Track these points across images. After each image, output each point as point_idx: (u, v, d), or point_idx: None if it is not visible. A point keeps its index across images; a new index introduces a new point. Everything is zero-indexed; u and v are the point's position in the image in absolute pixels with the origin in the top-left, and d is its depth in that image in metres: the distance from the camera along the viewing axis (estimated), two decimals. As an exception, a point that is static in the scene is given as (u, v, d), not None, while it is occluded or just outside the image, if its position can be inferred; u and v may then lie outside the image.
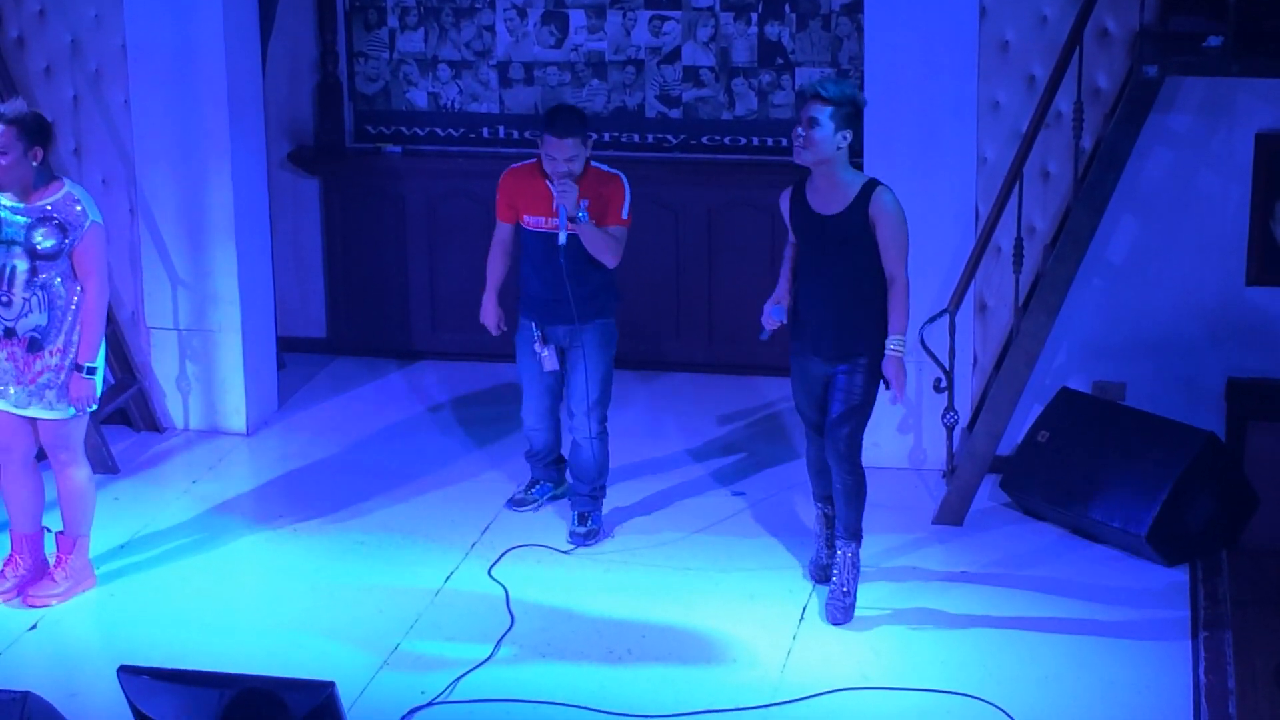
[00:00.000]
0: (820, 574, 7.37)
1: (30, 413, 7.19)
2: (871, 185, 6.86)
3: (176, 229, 8.85)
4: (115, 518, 8.04)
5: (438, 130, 9.89)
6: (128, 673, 5.31)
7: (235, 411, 9.00)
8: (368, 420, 9.18)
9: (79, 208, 7.10)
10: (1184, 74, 7.64)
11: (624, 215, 7.61)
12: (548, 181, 7.56)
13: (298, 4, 9.70)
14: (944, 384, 8.05)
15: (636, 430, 8.47)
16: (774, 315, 7.02)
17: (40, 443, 7.31)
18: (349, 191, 9.93)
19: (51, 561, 7.43)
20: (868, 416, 7.11)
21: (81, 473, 7.33)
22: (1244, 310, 8.10)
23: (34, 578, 7.39)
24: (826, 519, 7.35)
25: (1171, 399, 8.14)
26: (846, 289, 6.89)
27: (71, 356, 7.12)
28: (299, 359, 9.83)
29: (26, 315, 7.09)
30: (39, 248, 7.05)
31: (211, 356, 8.96)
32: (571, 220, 7.50)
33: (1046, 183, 8.17)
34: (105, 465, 8.51)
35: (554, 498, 8.16)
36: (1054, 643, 6.97)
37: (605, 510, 7.98)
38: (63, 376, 7.14)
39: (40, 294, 7.09)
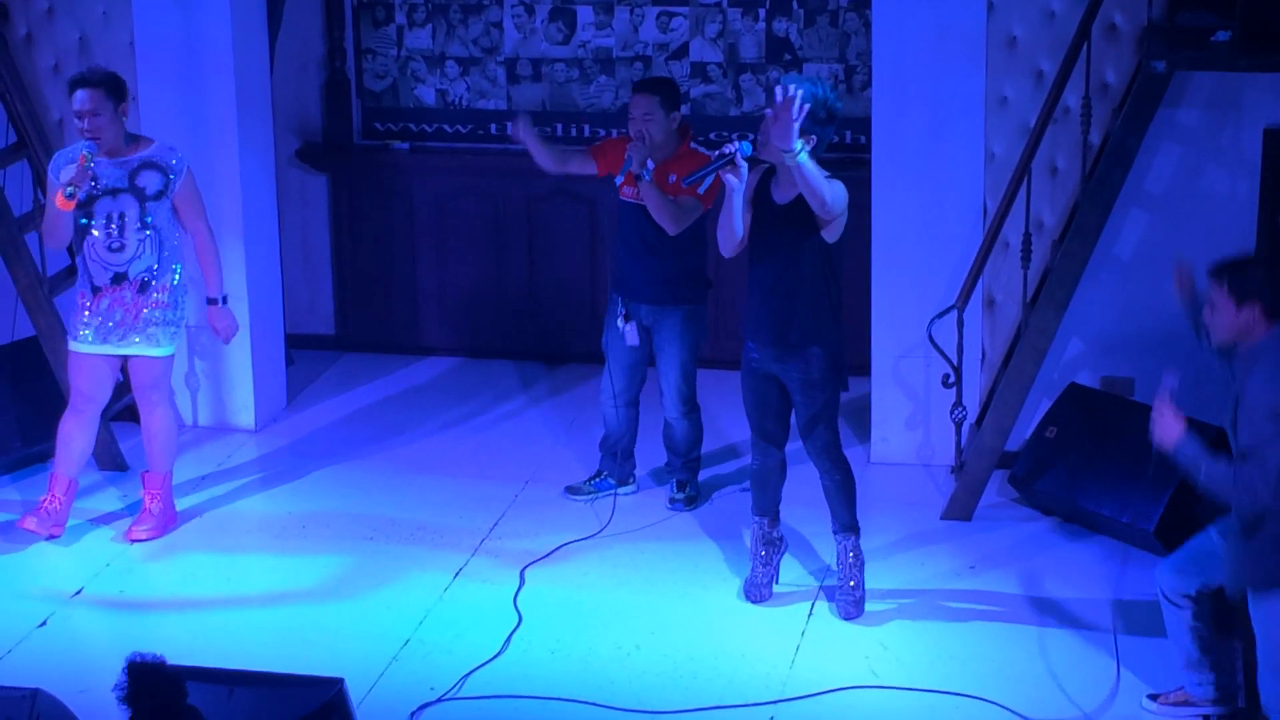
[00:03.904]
0: (757, 593, 7.28)
1: (133, 350, 7.64)
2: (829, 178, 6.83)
3: (185, 226, 8.86)
4: (124, 514, 8.05)
5: (445, 127, 9.90)
6: (137, 669, 5.31)
7: (244, 408, 9.02)
8: (376, 417, 9.19)
9: (176, 153, 7.64)
10: (1192, 69, 7.64)
11: (700, 190, 7.64)
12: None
13: (306, 1, 9.70)
14: (952, 379, 8.06)
15: (643, 426, 8.45)
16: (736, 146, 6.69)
17: (132, 384, 7.79)
18: (357, 188, 9.94)
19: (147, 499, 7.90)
20: (836, 411, 7.06)
21: (170, 411, 7.92)
22: (1252, 305, 8.08)
23: (60, 517, 7.80)
24: (767, 539, 7.28)
25: (1180, 394, 8.10)
26: (794, 277, 6.83)
27: (174, 296, 7.65)
28: (307, 355, 9.84)
29: (139, 258, 7.57)
30: (146, 189, 7.52)
31: (220, 353, 8.96)
32: (637, 177, 7.61)
33: (1054, 178, 8.16)
34: (115, 462, 8.52)
35: (614, 495, 8.14)
36: (1062, 637, 6.97)
37: (614, 507, 8.01)
38: (170, 314, 7.64)
39: (152, 235, 7.55)
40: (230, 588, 7.49)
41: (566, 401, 9.20)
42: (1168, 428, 5.96)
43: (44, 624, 7.22)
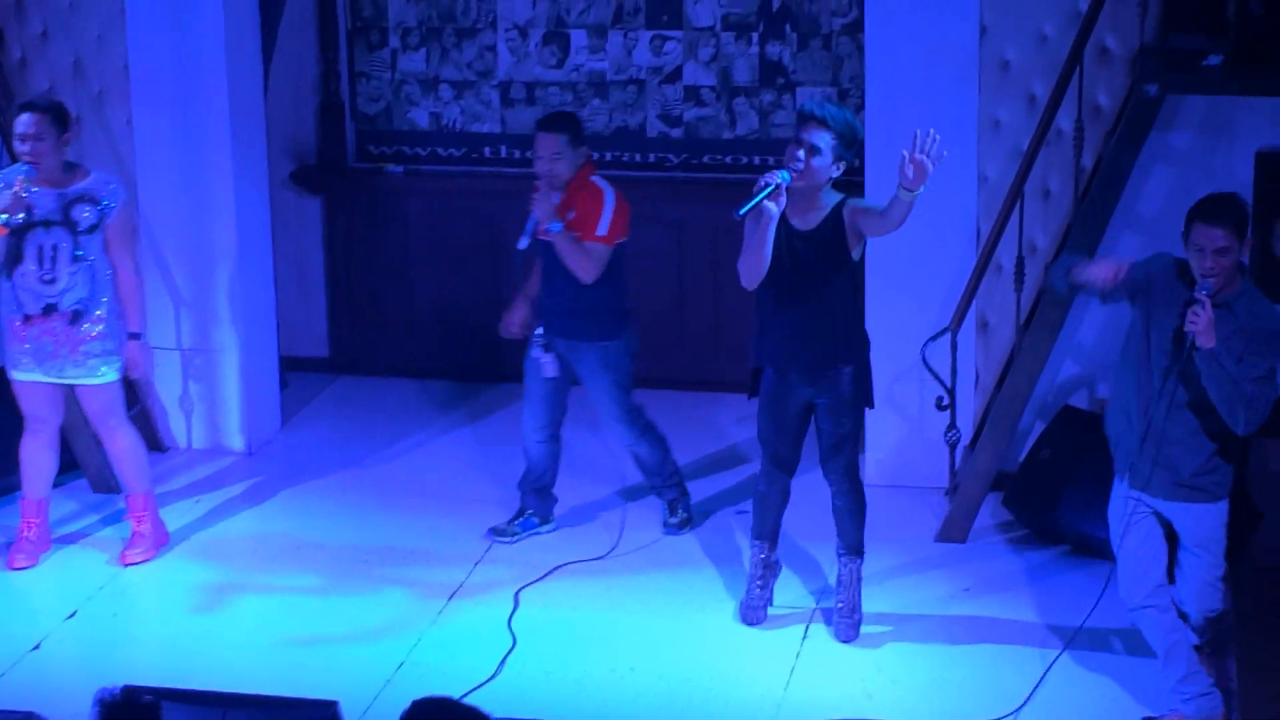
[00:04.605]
0: (752, 615, 7.28)
1: (74, 381, 7.63)
2: (844, 200, 6.85)
3: (179, 249, 8.87)
4: (118, 536, 8.04)
5: (439, 150, 9.91)
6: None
7: (238, 431, 9.01)
8: (370, 439, 9.19)
9: (112, 185, 7.63)
10: (1184, 92, 7.66)
11: (600, 232, 7.60)
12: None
13: (300, 24, 9.72)
14: (946, 402, 8.06)
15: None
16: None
17: (87, 415, 7.82)
18: (351, 211, 9.95)
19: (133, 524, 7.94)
20: (861, 435, 7.10)
21: (132, 432, 7.89)
22: (1245, 328, 8.10)
23: (40, 542, 7.86)
24: (766, 563, 7.28)
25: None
26: (822, 301, 6.84)
27: (109, 325, 7.61)
28: (301, 378, 9.83)
29: (71, 290, 7.55)
30: (80, 223, 7.50)
31: (214, 376, 8.97)
32: (545, 231, 7.54)
33: (1047, 201, 8.18)
34: (108, 485, 8.50)
35: (537, 533, 8.08)
36: (1057, 660, 6.96)
37: (608, 530, 8.00)
38: (108, 343, 7.61)
39: (84, 268, 7.53)
40: (224, 610, 7.48)
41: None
42: (1209, 327, 6.08)
43: (37, 647, 7.21)
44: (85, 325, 7.59)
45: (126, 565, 7.80)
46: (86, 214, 7.54)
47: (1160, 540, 6.46)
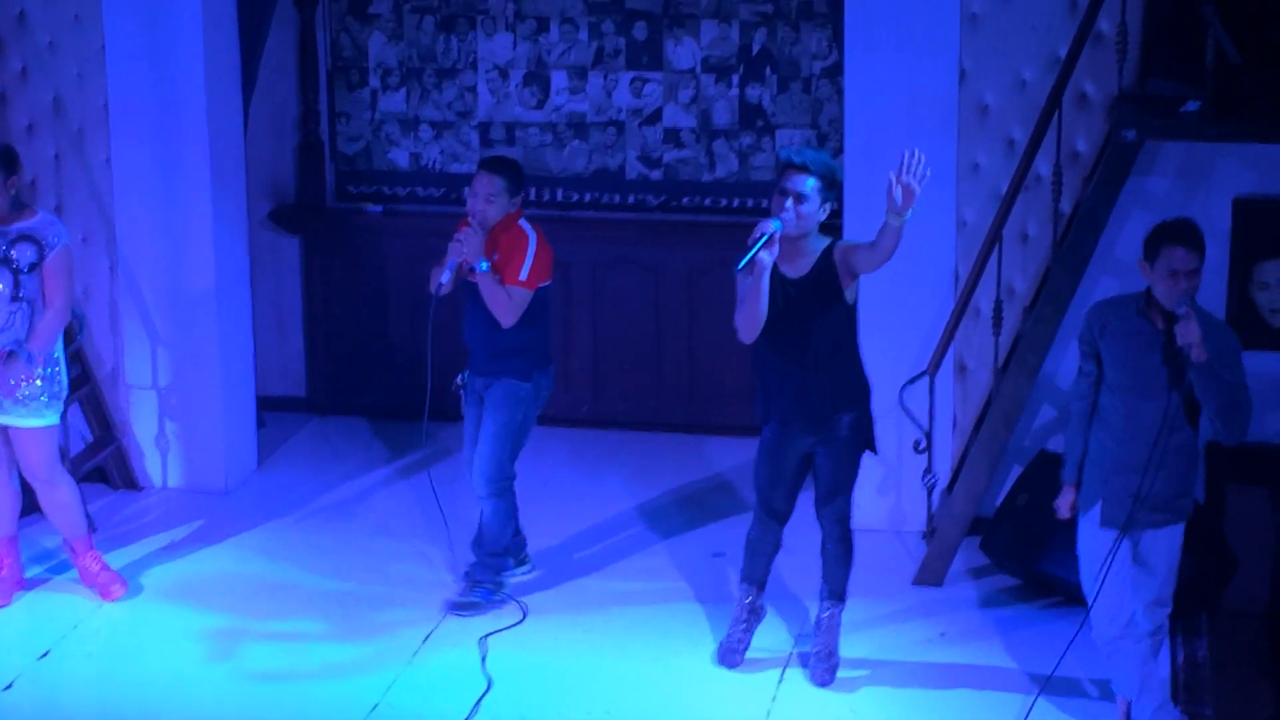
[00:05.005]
0: (731, 658, 7.26)
1: (15, 421, 7.52)
2: (833, 243, 6.87)
3: (157, 287, 8.85)
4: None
5: (418, 190, 9.91)
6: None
7: (214, 470, 8.98)
8: (347, 479, 9.17)
9: (57, 226, 7.55)
10: (1162, 138, 7.68)
11: (521, 276, 7.55)
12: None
13: (280, 64, 9.73)
14: (923, 445, 8.06)
15: (616, 491, 8.46)
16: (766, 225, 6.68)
17: (22, 464, 7.66)
18: (330, 251, 9.94)
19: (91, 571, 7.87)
20: (855, 480, 7.10)
21: (70, 482, 7.79)
22: (1222, 373, 8.11)
23: (12, 581, 7.80)
24: (752, 608, 7.27)
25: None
26: (819, 348, 6.84)
27: (50, 365, 7.52)
28: (279, 418, 9.81)
29: (8, 330, 7.46)
30: (20, 262, 7.42)
31: (191, 415, 8.94)
32: (470, 270, 7.52)
33: (1026, 245, 8.20)
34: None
35: (512, 575, 7.99)
36: (1031, 704, 6.96)
37: (585, 572, 7.99)
38: (51, 386, 7.52)
39: (24, 308, 7.46)
40: (198, 651, 7.45)
41: (538, 465, 9.18)
42: (1201, 339, 6.20)
43: (9, 687, 7.17)
44: (25, 366, 7.47)
45: (113, 600, 7.77)
46: (28, 253, 7.46)
47: (1131, 572, 6.48)
